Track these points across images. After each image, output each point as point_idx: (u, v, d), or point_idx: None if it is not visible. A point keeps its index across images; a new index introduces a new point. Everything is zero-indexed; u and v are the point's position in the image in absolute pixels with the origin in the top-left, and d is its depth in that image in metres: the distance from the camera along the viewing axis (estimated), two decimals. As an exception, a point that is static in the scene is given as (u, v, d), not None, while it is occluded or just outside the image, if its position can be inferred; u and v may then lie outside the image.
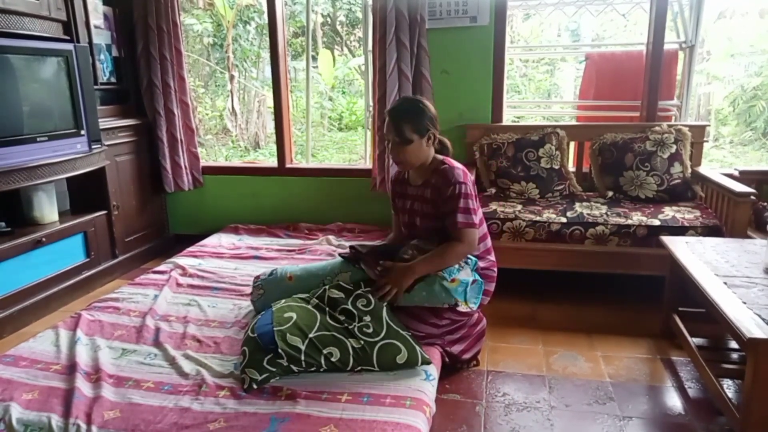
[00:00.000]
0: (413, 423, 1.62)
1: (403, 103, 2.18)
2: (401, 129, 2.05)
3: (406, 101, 2.20)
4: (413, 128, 2.05)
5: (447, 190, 2.04)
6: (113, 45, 3.55)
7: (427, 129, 2.07)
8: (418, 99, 2.18)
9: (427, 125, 2.07)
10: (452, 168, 2.08)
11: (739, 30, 6.23)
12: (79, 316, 2.34)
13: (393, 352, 1.87)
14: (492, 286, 2.22)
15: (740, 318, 1.69)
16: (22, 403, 1.73)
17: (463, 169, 2.10)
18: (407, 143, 2.05)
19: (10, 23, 2.71)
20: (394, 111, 2.11)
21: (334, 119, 7.42)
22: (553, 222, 2.78)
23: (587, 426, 1.90)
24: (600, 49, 5.24)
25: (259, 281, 2.34)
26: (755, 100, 6.07)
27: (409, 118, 2.06)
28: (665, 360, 2.33)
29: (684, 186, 3.05)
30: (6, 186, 2.59)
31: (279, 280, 2.29)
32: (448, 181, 2.04)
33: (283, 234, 3.56)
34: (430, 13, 3.35)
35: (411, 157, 2.09)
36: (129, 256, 3.54)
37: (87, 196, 3.33)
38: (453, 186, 2.03)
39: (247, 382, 1.79)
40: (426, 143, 2.09)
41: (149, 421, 1.64)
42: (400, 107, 2.13)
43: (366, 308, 1.96)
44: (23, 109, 2.79)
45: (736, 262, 2.16)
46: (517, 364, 2.30)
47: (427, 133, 2.07)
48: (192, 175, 3.90)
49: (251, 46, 6.92)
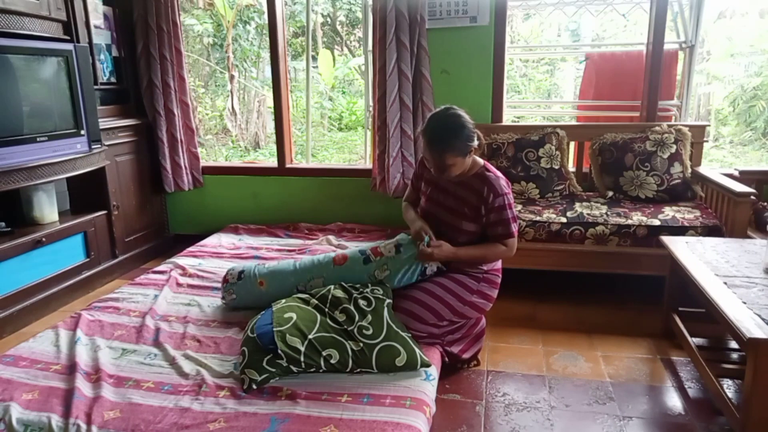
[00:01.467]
0: (413, 423, 1.62)
1: (443, 129, 2.02)
2: (444, 158, 2.01)
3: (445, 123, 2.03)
4: (456, 154, 2.01)
5: (495, 201, 2.07)
6: (113, 45, 3.55)
7: (468, 150, 2.03)
8: (455, 116, 2.04)
9: (468, 146, 2.02)
10: (497, 178, 2.10)
11: (739, 30, 6.23)
12: (79, 316, 2.34)
13: (392, 355, 1.87)
14: (495, 292, 2.21)
15: (740, 318, 1.69)
16: (22, 403, 1.73)
17: (505, 179, 2.13)
18: (451, 166, 2.04)
19: (10, 23, 2.71)
20: (435, 140, 2.01)
21: (334, 119, 7.42)
22: (553, 222, 2.78)
23: (587, 426, 1.90)
24: (600, 49, 5.24)
25: (228, 285, 2.37)
26: (755, 100, 6.06)
27: (450, 146, 2.00)
28: (665, 360, 2.33)
29: (684, 186, 3.05)
30: (6, 186, 2.59)
31: (250, 285, 2.32)
32: (497, 192, 2.07)
33: (283, 234, 3.56)
34: (430, 13, 3.35)
35: (453, 174, 2.09)
36: (129, 256, 3.54)
37: (87, 196, 3.33)
38: (501, 197, 2.07)
39: (247, 383, 1.79)
40: (468, 157, 2.07)
41: (149, 421, 1.64)
42: (441, 134, 2.01)
43: (368, 308, 1.96)
44: (23, 109, 2.79)
45: (736, 262, 2.16)
46: (517, 364, 2.30)
47: (469, 152, 2.05)
48: (192, 175, 3.90)
49: (251, 46, 6.92)
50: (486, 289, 2.16)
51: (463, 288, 2.12)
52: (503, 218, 2.08)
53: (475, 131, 2.06)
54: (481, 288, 2.15)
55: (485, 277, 2.16)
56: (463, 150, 2.02)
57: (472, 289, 2.13)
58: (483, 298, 2.16)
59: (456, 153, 2.01)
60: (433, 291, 2.10)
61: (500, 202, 2.07)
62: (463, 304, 2.11)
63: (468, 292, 2.12)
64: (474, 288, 2.13)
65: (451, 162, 2.02)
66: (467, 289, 2.12)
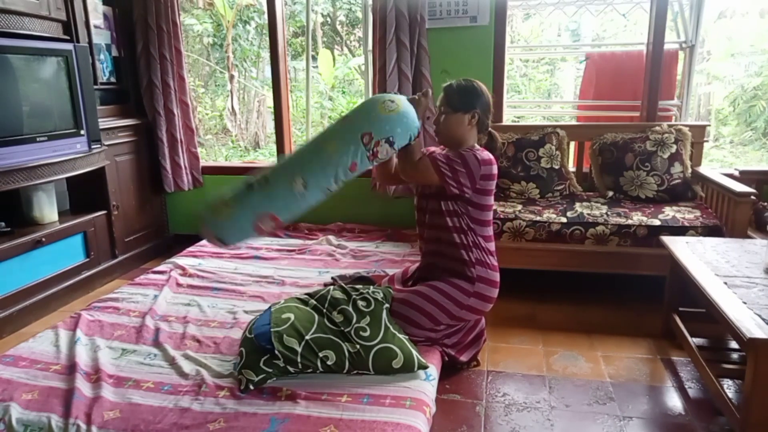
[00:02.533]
0: (413, 423, 1.62)
1: (463, 81, 2.14)
2: (451, 98, 2.08)
3: (466, 80, 2.15)
4: (459, 99, 2.07)
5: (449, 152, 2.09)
6: (113, 45, 3.55)
7: (472, 106, 2.07)
8: (478, 82, 2.15)
9: (474, 103, 2.08)
10: (469, 151, 2.06)
11: (739, 30, 6.23)
12: (79, 316, 2.34)
13: (389, 357, 1.86)
14: (494, 292, 2.14)
15: (740, 318, 1.69)
16: (22, 403, 1.73)
17: (482, 158, 2.05)
18: (452, 112, 2.08)
19: (10, 23, 2.71)
20: (450, 84, 2.12)
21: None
22: (553, 222, 2.78)
23: (587, 426, 1.90)
24: (600, 49, 5.24)
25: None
26: (755, 100, 6.06)
27: (460, 91, 2.09)
28: (665, 360, 2.33)
29: (684, 186, 3.05)
30: (6, 186, 2.59)
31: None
32: (458, 152, 2.06)
33: (283, 234, 3.56)
34: (430, 12, 3.35)
35: (445, 128, 2.12)
36: (129, 256, 3.54)
37: (87, 196, 3.33)
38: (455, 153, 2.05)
39: (244, 383, 1.79)
40: (468, 121, 2.09)
41: (149, 421, 1.64)
42: (458, 83, 2.13)
43: (366, 309, 1.96)
44: (23, 109, 2.79)
45: (736, 262, 2.16)
46: (517, 365, 2.30)
47: (472, 111, 2.08)
48: (192, 175, 3.90)
49: (251, 46, 6.92)
50: (483, 290, 2.10)
51: (460, 291, 2.08)
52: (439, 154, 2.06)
53: (488, 110, 2.12)
54: (478, 290, 2.09)
55: (481, 277, 2.10)
56: (465, 104, 2.06)
57: (468, 291, 2.08)
58: (481, 300, 2.11)
59: (461, 99, 2.07)
60: (429, 296, 2.07)
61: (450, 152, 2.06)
62: (460, 308, 2.08)
63: (465, 295, 2.08)
64: (470, 290, 2.09)
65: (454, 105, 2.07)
66: (464, 292, 2.08)
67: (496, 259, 2.19)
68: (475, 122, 2.10)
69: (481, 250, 2.11)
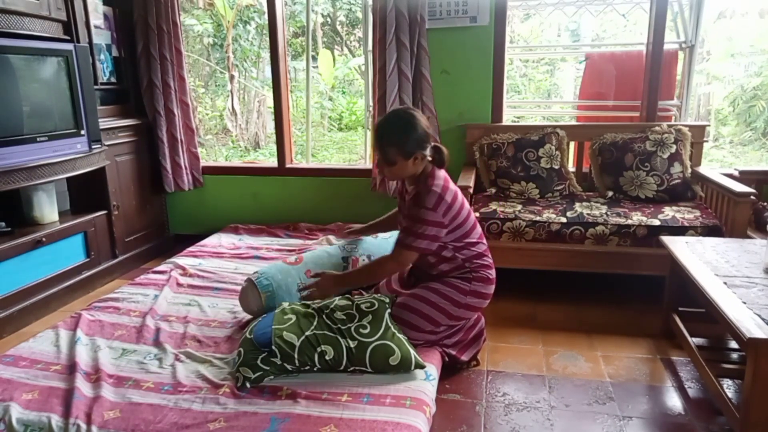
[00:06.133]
0: (413, 423, 1.62)
1: (391, 123, 2.04)
2: (385, 151, 2.00)
3: (395, 118, 2.04)
4: (398, 151, 1.98)
5: (413, 209, 2.00)
6: (113, 45, 3.55)
7: (412, 152, 1.98)
8: (409, 115, 2.02)
9: (413, 148, 1.98)
10: (429, 190, 1.98)
11: (739, 30, 6.22)
12: (80, 316, 2.34)
13: (386, 354, 1.87)
14: (490, 288, 2.15)
15: (740, 318, 1.69)
16: (22, 403, 1.73)
17: (439, 192, 1.98)
18: (392, 164, 2.02)
19: (10, 23, 2.71)
20: (380, 131, 2.03)
21: (334, 119, 7.42)
22: (553, 222, 2.78)
23: (587, 426, 1.90)
24: (600, 49, 5.24)
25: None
26: (755, 100, 6.06)
27: (394, 141, 1.98)
28: (665, 360, 2.33)
29: (684, 186, 3.05)
30: (6, 186, 2.59)
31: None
32: (419, 203, 1.98)
33: (283, 234, 3.56)
34: (430, 13, 3.35)
35: (395, 175, 2.08)
36: (129, 256, 3.54)
37: (87, 196, 3.33)
38: (420, 210, 1.97)
39: (241, 381, 1.80)
40: (412, 163, 2.01)
41: (149, 420, 1.64)
42: (387, 127, 2.03)
43: (369, 309, 1.98)
44: (23, 109, 2.79)
45: (736, 262, 2.16)
46: (517, 364, 2.30)
47: (413, 156, 1.99)
48: (192, 175, 3.90)
49: (251, 46, 6.92)
50: (480, 287, 2.10)
51: (457, 290, 2.08)
52: (408, 227, 2.00)
53: (426, 143, 2.00)
54: (475, 287, 2.10)
55: (476, 276, 2.10)
56: (406, 152, 1.97)
57: (465, 290, 2.08)
58: (478, 297, 2.11)
59: (399, 150, 1.97)
60: (427, 298, 2.07)
61: (415, 213, 1.98)
62: (458, 308, 2.08)
63: (462, 294, 2.08)
64: (467, 289, 2.08)
65: (394, 159, 1.99)
66: (461, 291, 2.08)
67: (490, 257, 2.19)
68: (420, 159, 2.02)
69: (471, 251, 2.11)
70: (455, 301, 2.08)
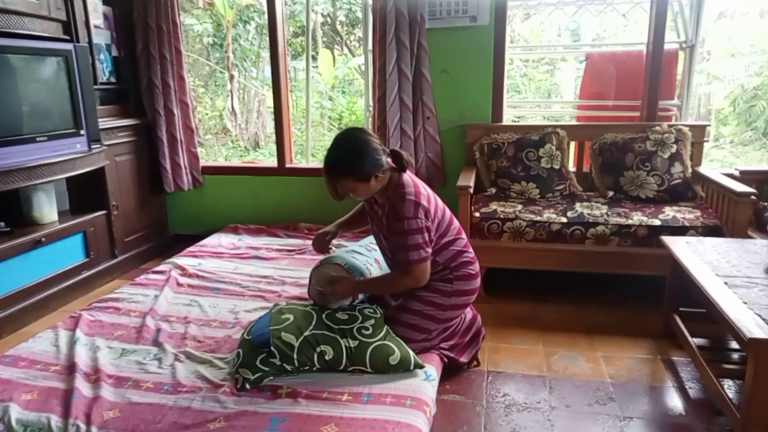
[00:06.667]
0: (414, 422, 1.62)
1: (338, 157, 1.93)
2: (342, 184, 1.92)
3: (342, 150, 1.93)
4: (355, 179, 1.91)
5: (396, 225, 1.93)
6: (113, 45, 3.55)
7: (369, 174, 1.90)
8: (355, 140, 1.93)
9: (370, 169, 1.89)
10: (403, 199, 1.92)
11: (739, 30, 6.22)
12: (79, 316, 2.34)
13: (386, 354, 1.87)
14: (474, 283, 2.10)
15: (741, 318, 1.69)
16: (22, 404, 1.73)
17: (414, 199, 1.92)
18: (353, 191, 1.95)
19: (10, 23, 2.71)
20: (329, 169, 1.93)
21: (334, 119, 7.41)
22: (553, 222, 2.78)
23: (588, 426, 1.90)
24: (600, 49, 5.23)
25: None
26: (755, 99, 6.06)
27: (347, 173, 1.91)
28: (666, 360, 2.33)
29: (684, 186, 3.04)
30: (6, 186, 2.59)
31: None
32: (400, 215, 1.91)
33: (282, 234, 3.56)
34: (430, 12, 3.35)
35: (362, 196, 2.02)
36: (128, 256, 3.54)
37: (86, 196, 3.32)
38: (402, 222, 1.91)
39: (240, 382, 1.80)
40: (374, 181, 1.93)
41: (149, 420, 1.64)
42: (336, 163, 1.92)
43: (372, 314, 1.99)
44: (23, 109, 2.78)
45: (736, 262, 2.16)
46: (517, 365, 2.30)
47: (370, 177, 1.90)
48: (192, 175, 3.90)
49: (251, 46, 6.92)
50: (462, 285, 2.07)
51: (439, 294, 2.05)
52: (402, 244, 1.93)
53: (382, 153, 1.92)
54: (457, 287, 2.06)
55: (457, 276, 2.07)
56: (362, 176, 1.90)
57: (447, 292, 2.05)
58: (463, 296, 2.07)
59: (356, 178, 1.90)
60: (411, 308, 2.06)
61: (400, 227, 1.91)
62: (444, 310, 2.05)
63: (445, 296, 2.05)
64: (450, 290, 2.05)
65: (351, 188, 1.92)
66: (443, 294, 2.05)
67: (471, 251, 2.13)
68: (381, 173, 1.93)
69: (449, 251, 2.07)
70: (439, 305, 2.05)
